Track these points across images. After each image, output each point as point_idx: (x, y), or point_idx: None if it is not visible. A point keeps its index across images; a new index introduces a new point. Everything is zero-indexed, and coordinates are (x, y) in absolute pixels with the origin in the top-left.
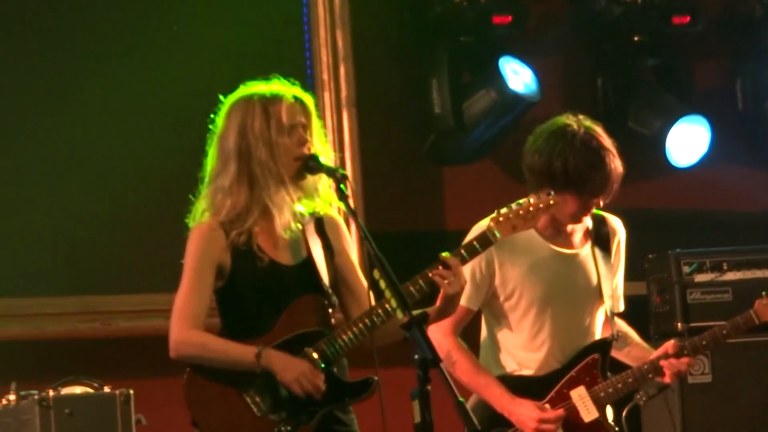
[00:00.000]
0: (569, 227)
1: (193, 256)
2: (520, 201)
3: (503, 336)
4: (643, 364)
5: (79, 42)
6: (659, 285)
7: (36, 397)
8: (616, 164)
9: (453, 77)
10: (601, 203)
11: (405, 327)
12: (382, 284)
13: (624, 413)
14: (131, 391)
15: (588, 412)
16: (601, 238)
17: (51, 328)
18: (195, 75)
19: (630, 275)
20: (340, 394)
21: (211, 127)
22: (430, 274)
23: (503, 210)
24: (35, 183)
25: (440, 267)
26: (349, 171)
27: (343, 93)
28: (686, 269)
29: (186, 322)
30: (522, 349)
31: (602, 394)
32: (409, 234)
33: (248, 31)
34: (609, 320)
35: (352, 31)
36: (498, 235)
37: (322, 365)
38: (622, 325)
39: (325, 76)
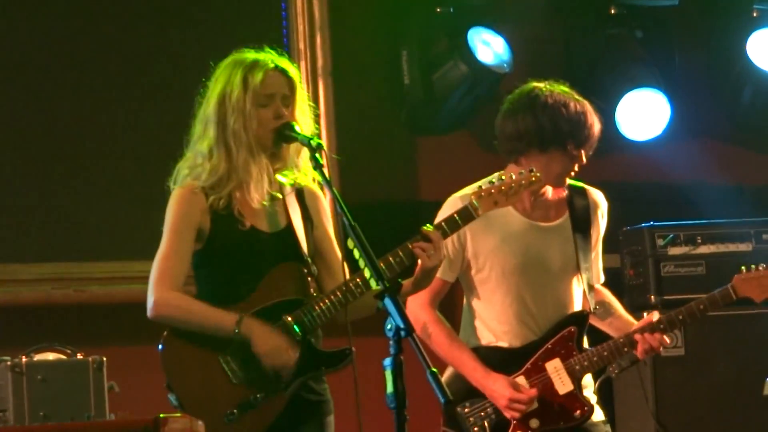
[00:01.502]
0: (545, 197)
1: (173, 218)
2: (503, 176)
3: (479, 307)
4: (620, 337)
5: (59, 8)
6: (633, 258)
7: (8, 363)
8: (596, 116)
9: (424, 48)
10: (584, 159)
11: (378, 296)
12: (356, 254)
13: (596, 386)
14: (104, 358)
15: (563, 385)
16: (579, 209)
17: (24, 294)
18: (171, 44)
19: (604, 248)
20: (316, 364)
21: (202, 91)
22: (410, 246)
23: (485, 185)
24: (8, 149)
25: (421, 240)
26: (324, 140)
27: (319, 62)
28: (660, 242)
29: (166, 282)
30: (496, 320)
31: (577, 367)
32: (384, 204)
33: (224, 1)
34: (587, 293)
35: (328, 1)
36: (480, 209)
37: (300, 334)
38: (606, 294)
39: (302, 46)
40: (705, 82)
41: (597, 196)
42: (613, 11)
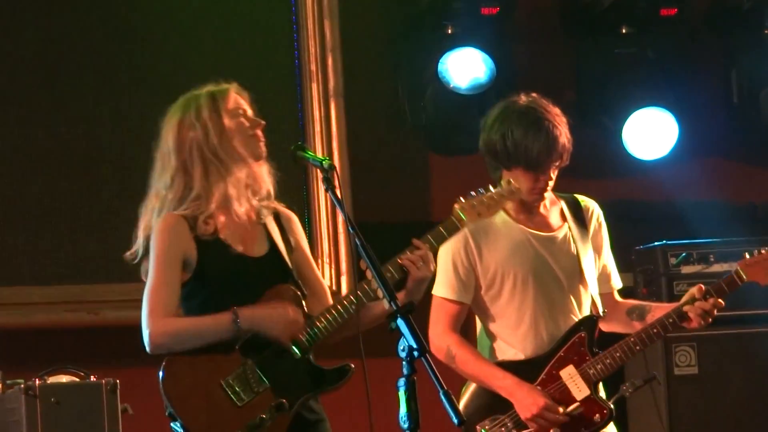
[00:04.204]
0: (542, 209)
1: (159, 250)
2: (482, 189)
3: (493, 327)
4: (661, 317)
5: (59, 32)
6: (646, 276)
7: (22, 386)
8: (558, 132)
9: (417, 72)
10: (553, 174)
11: (390, 317)
12: (368, 275)
13: (611, 402)
14: (117, 381)
15: (579, 390)
16: (576, 218)
17: (37, 317)
18: (182, 67)
19: (617, 267)
20: (318, 382)
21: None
22: (399, 261)
23: (468, 197)
24: (22, 172)
25: (408, 252)
26: (336, 161)
27: (331, 84)
28: (673, 261)
29: (158, 314)
30: (510, 335)
31: (591, 371)
32: (396, 224)
33: (236, 23)
34: (595, 298)
35: (340, 22)
36: (464, 221)
37: (298, 353)
38: (633, 301)
39: (313, 67)
40: (718, 101)
41: (589, 203)
42: (624, 30)
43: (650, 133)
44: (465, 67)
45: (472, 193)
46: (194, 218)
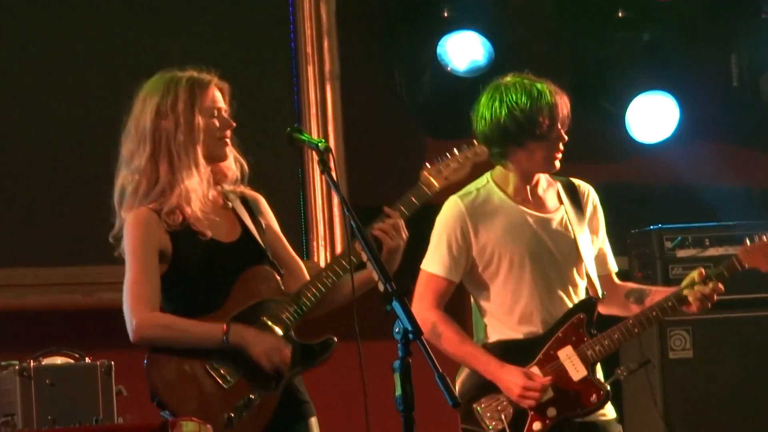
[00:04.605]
0: (539, 190)
1: (135, 242)
2: (448, 154)
3: (488, 304)
4: (660, 301)
5: (58, 15)
6: (641, 260)
7: (17, 367)
8: (558, 94)
9: (415, 55)
10: (564, 135)
11: (386, 299)
12: (364, 257)
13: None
14: (112, 362)
15: (576, 371)
16: (573, 200)
17: (32, 298)
18: (178, 51)
19: (612, 250)
20: (302, 358)
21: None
22: (372, 232)
23: (434, 163)
24: (15, 154)
25: (380, 222)
26: (332, 144)
27: (327, 66)
28: (668, 245)
29: (143, 304)
30: (506, 315)
31: (589, 352)
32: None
33: (232, 5)
34: (593, 280)
35: (336, 5)
36: (433, 186)
37: (280, 333)
38: (631, 284)
39: (309, 50)
40: (714, 84)
41: (585, 186)
42: (620, 14)
43: (651, 117)
44: (463, 50)
45: (438, 158)
46: (161, 211)
